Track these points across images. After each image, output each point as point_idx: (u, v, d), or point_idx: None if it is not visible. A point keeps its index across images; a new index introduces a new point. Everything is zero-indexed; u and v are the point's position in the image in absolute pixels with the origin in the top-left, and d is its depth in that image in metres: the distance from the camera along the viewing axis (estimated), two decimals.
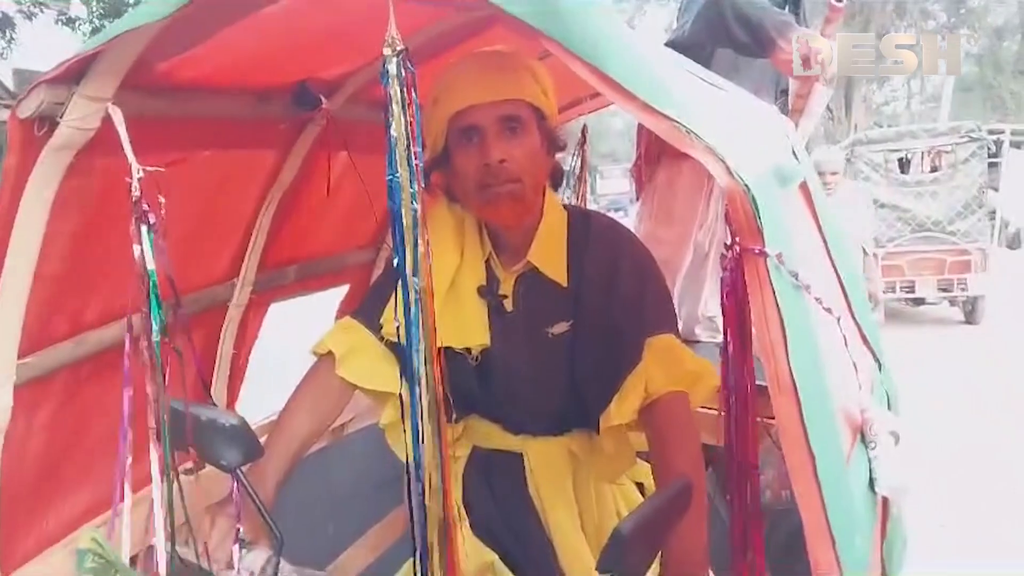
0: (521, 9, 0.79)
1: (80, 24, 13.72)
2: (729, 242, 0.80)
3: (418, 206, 0.85)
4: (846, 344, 1.01)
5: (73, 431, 1.37)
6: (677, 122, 0.72)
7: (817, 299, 0.86)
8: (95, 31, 13.11)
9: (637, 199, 3.03)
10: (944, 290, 8.06)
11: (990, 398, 5.57)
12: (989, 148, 8.22)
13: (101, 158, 1.14)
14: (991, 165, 8.47)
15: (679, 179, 2.82)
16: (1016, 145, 11.28)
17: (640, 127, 2.96)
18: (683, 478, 0.99)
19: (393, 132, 0.83)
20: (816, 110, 2.29)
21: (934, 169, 8.52)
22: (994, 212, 8.31)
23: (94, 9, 13.49)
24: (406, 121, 0.85)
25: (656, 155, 2.86)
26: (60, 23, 13.76)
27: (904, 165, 8.81)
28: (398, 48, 0.85)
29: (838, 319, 0.98)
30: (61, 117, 1.06)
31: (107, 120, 1.07)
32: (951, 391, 5.63)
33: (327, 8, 1.27)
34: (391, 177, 0.85)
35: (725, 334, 0.83)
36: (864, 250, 5.35)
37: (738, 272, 0.79)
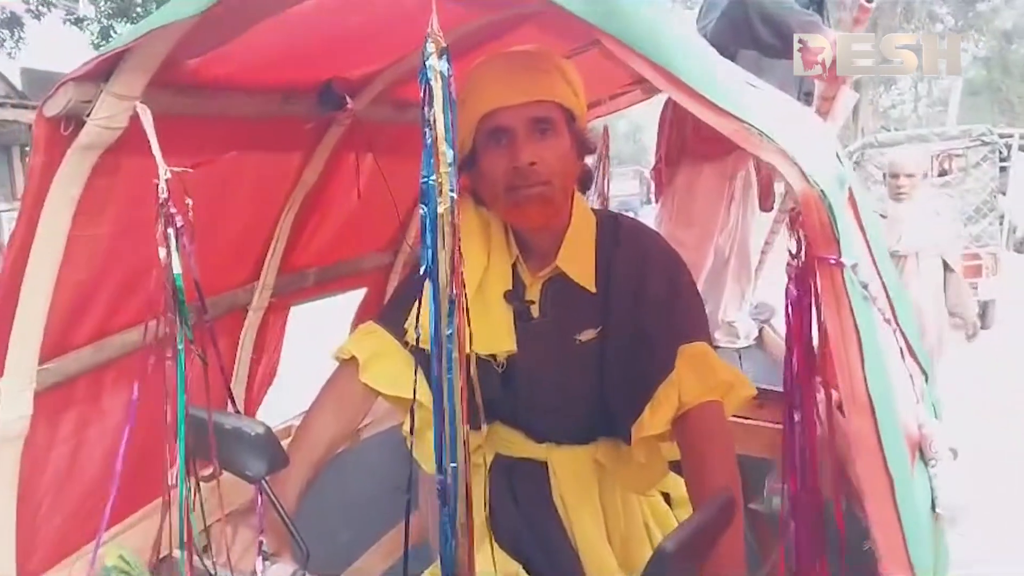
0: (577, 6, 0.75)
1: (88, 24, 13.75)
2: (794, 250, 0.76)
3: (456, 211, 0.82)
4: (903, 356, 0.97)
5: (96, 438, 1.34)
6: (746, 122, 0.68)
7: (880, 310, 0.83)
8: (103, 31, 13.15)
9: (656, 201, 3.01)
10: None
11: (1001, 402, 5.52)
12: (1000, 152, 8.14)
13: (127, 158, 1.11)
14: (1000, 169, 8.39)
15: (699, 182, 2.80)
16: None
17: (660, 129, 2.94)
18: (726, 492, 0.95)
19: (431, 133, 0.79)
20: (842, 114, 2.25)
21: (943, 173, 8.42)
22: (1003, 216, 8.23)
23: (102, 8, 13.52)
24: (446, 122, 0.81)
25: (676, 157, 2.84)
26: (68, 23, 13.82)
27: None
28: (442, 45, 0.82)
29: (895, 330, 0.95)
30: (88, 115, 1.03)
31: (135, 119, 1.04)
32: (962, 395, 5.57)
33: (356, 6, 1.24)
34: (426, 180, 0.81)
35: (789, 349, 0.79)
36: (947, 264, 4.32)
37: (804, 283, 0.74)
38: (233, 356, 1.76)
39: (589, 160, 1.48)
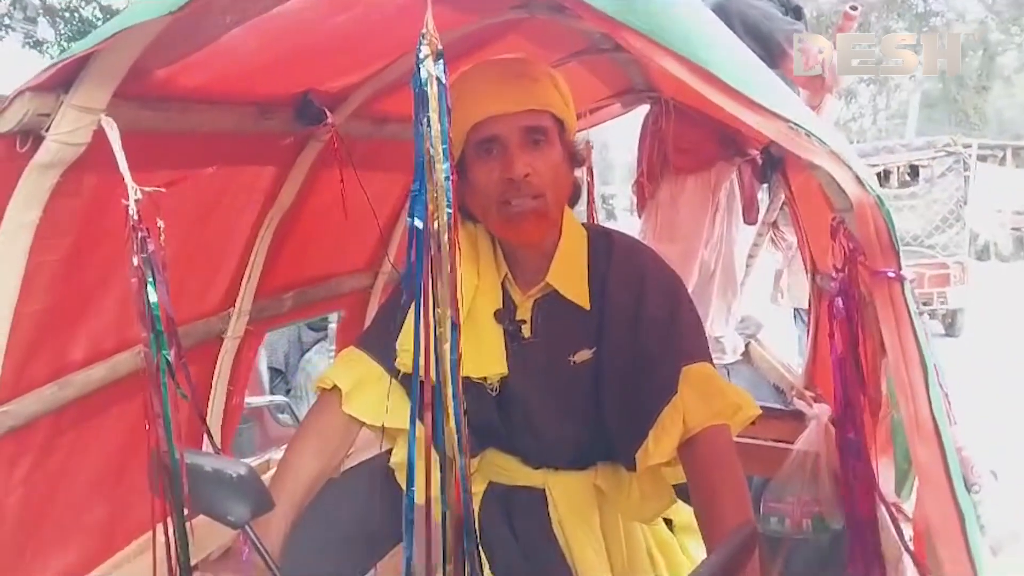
0: (603, 2, 0.68)
1: (48, 47, 13.48)
2: (840, 263, 0.69)
3: (455, 227, 0.78)
4: (936, 374, 0.91)
5: (55, 483, 1.23)
6: (794, 123, 0.61)
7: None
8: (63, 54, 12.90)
9: (638, 215, 2.97)
10: (924, 303, 8.09)
11: (972, 410, 5.53)
12: (964, 162, 8.31)
13: (92, 177, 1.01)
14: (964, 179, 8.55)
15: (682, 195, 2.78)
16: (982, 158, 11.46)
17: (640, 143, 2.90)
18: (747, 526, 0.91)
19: (427, 142, 0.74)
20: (826, 122, 2.23)
21: (905, 184, 8.55)
22: (964, 224, 8.39)
23: (62, 31, 13.27)
24: (444, 129, 0.76)
25: (657, 171, 2.81)
26: (27, 46, 13.49)
27: (882, 179, 8.87)
28: (437, 47, 0.76)
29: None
30: (47, 130, 0.92)
31: (99, 134, 0.95)
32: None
33: (334, 10, 1.17)
34: (417, 192, 0.76)
35: (839, 372, 0.71)
36: None
37: (851, 298, 0.67)
38: (206, 389, 1.65)
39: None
